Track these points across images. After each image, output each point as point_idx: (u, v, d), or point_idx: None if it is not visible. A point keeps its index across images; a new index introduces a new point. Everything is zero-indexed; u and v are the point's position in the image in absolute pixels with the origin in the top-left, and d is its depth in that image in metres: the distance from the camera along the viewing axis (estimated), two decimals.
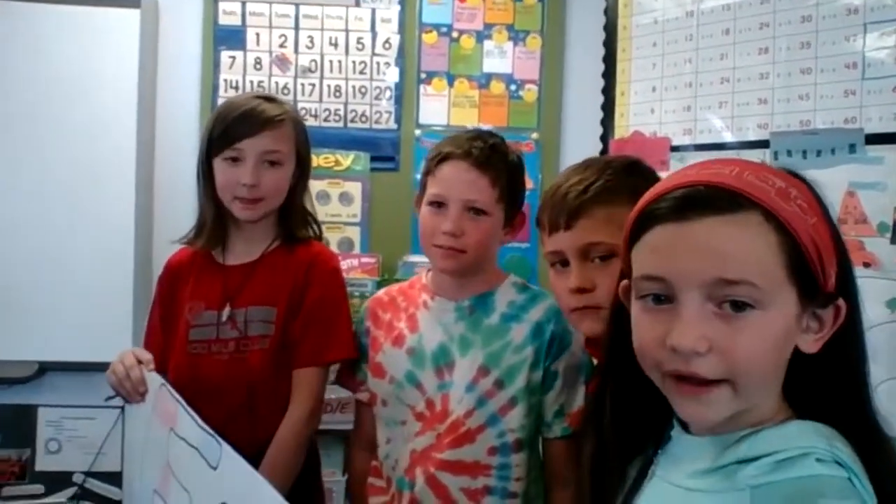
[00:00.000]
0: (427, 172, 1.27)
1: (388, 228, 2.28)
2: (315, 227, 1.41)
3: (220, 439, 1.02)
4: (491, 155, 1.23)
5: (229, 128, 1.27)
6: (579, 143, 2.30)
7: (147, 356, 1.27)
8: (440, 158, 1.24)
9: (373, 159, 2.29)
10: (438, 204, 1.23)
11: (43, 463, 2.25)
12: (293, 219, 1.36)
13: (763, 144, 1.91)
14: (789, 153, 1.89)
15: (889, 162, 1.69)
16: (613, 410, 0.76)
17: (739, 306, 0.63)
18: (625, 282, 0.75)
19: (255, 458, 1.01)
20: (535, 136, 2.35)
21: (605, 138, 2.23)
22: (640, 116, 2.17)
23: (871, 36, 1.77)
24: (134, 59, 2.18)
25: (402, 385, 1.27)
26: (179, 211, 2.30)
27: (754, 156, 1.93)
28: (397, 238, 2.28)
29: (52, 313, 2.13)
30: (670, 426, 0.74)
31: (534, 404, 1.24)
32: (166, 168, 2.31)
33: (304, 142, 1.35)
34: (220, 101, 2.28)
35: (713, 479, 0.66)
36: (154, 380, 1.25)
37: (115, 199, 2.18)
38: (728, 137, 2.00)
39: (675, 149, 2.08)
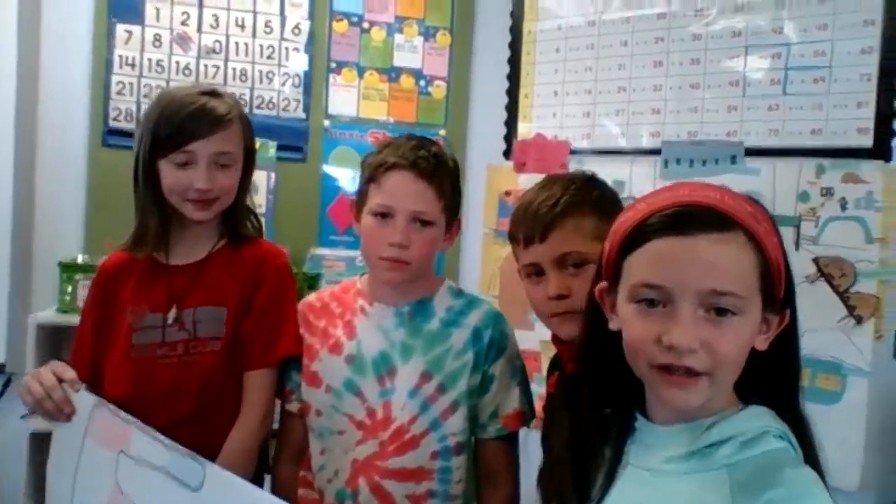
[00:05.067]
0: (370, 180, 1.24)
1: (295, 220, 2.24)
2: (255, 222, 1.36)
3: (200, 459, 0.97)
4: (437, 165, 1.23)
5: (179, 129, 1.20)
6: (484, 142, 2.36)
7: (70, 374, 1.16)
8: (386, 167, 1.21)
9: (279, 148, 2.24)
10: (383, 215, 1.21)
11: None
12: (238, 217, 1.31)
13: (655, 152, 2.06)
14: (678, 161, 2.06)
15: (765, 174, 1.88)
16: (591, 396, 0.85)
17: (723, 312, 0.74)
18: (602, 283, 0.83)
19: None
20: (442, 132, 2.38)
21: (508, 138, 2.31)
22: (542, 119, 2.27)
23: (751, 57, 1.96)
24: (12, 29, 1.99)
25: (340, 394, 1.24)
26: (63, 200, 2.14)
27: (647, 162, 2.09)
28: (304, 230, 2.25)
29: None
30: (634, 417, 0.83)
31: (471, 407, 1.26)
32: (50, 151, 2.13)
33: (250, 138, 1.30)
34: (115, 80, 2.15)
35: (691, 462, 0.77)
36: (85, 400, 1.15)
37: None
38: (623, 144, 2.13)
39: (573, 152, 2.19)
